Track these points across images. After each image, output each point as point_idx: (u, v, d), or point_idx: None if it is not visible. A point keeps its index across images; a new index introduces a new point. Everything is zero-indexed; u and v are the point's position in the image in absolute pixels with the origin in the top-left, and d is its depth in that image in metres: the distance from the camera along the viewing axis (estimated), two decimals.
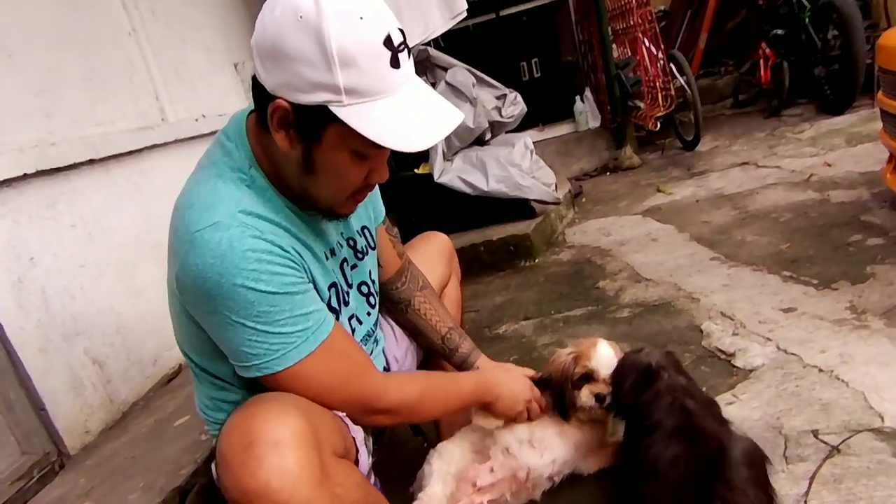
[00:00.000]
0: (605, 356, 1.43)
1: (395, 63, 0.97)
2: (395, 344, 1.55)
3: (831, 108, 4.55)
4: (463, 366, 1.53)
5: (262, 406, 0.99)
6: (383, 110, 0.96)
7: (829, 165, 3.35)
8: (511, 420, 1.42)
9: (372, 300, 1.39)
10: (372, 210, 1.41)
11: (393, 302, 1.53)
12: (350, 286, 1.30)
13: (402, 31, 0.99)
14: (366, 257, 1.35)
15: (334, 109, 0.95)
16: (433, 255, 1.68)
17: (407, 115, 0.99)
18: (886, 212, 2.55)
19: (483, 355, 1.55)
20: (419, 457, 1.49)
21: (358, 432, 1.19)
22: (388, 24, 0.96)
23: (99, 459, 1.81)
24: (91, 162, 2.16)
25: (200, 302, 1.02)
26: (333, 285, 1.21)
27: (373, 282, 1.39)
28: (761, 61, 5.35)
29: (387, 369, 1.50)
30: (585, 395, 1.41)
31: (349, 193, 1.11)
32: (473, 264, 3.20)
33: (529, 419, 1.43)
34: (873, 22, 5.29)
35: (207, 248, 0.98)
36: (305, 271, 1.10)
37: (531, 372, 1.51)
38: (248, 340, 1.01)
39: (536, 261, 3.23)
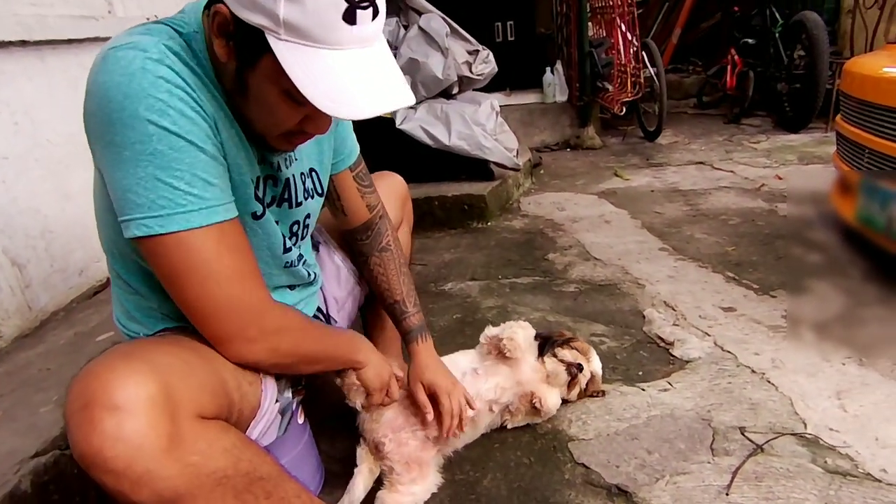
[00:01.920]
0: (596, 366, 1.62)
1: (349, 17, 0.85)
2: (336, 284, 1.48)
3: (788, 125, 4.70)
4: (403, 339, 1.46)
5: (110, 361, 0.86)
6: (322, 60, 0.86)
7: (781, 179, 3.46)
8: (374, 392, 1.31)
9: (302, 235, 1.27)
10: (331, 153, 1.28)
11: (354, 252, 1.45)
12: (287, 204, 1.18)
13: None
14: (309, 200, 1.23)
15: (270, 39, 0.85)
16: (385, 196, 1.53)
17: (346, 76, 0.88)
18: (829, 231, 2.65)
19: (426, 342, 1.44)
20: None
21: (269, 382, 1.11)
22: None
23: (10, 368, 1.68)
24: (24, 44, 1.93)
25: (101, 131, 0.89)
26: (258, 179, 1.08)
27: (307, 226, 1.27)
28: (729, 67, 5.46)
29: (324, 310, 1.43)
30: (571, 354, 1.56)
31: (280, 132, 1.01)
32: (426, 218, 3.15)
33: (388, 398, 1.35)
34: (838, 49, 5.47)
35: (118, 65, 0.87)
36: (220, 144, 0.97)
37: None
38: (135, 184, 0.88)
39: (489, 224, 3.21)
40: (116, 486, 0.80)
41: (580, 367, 1.55)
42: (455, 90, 3.62)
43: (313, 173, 1.24)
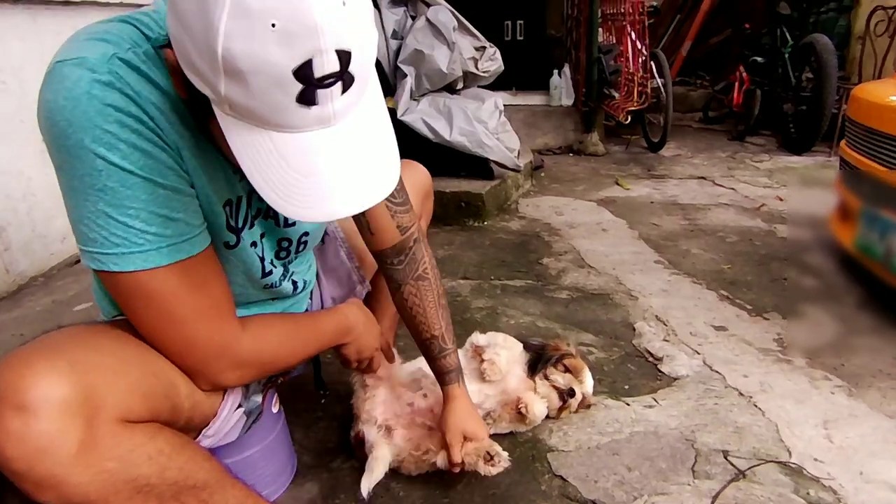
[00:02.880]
0: (588, 387, 1.57)
1: (306, 99, 0.70)
2: (336, 283, 1.42)
3: (792, 146, 4.67)
4: (438, 378, 1.35)
5: (29, 356, 0.80)
6: (272, 144, 0.73)
7: (781, 200, 3.43)
8: (355, 362, 1.30)
9: (296, 252, 1.18)
10: None
11: (385, 277, 1.30)
12: (255, 222, 1.05)
13: (347, 54, 0.69)
14: (299, 224, 1.13)
15: (216, 111, 0.74)
16: (407, 189, 1.40)
17: (304, 162, 0.74)
18: (826, 257, 2.63)
19: (463, 387, 1.34)
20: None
21: (231, 393, 1.06)
22: (315, 47, 0.66)
23: None
24: (15, 1, 1.89)
25: (51, 153, 0.81)
26: (232, 203, 0.97)
27: (303, 244, 1.18)
28: (736, 84, 5.44)
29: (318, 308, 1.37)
30: (563, 378, 1.52)
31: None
32: None
33: (371, 369, 1.35)
34: (846, 74, 5.45)
35: (62, 85, 0.77)
36: (186, 173, 0.87)
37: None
38: (87, 217, 0.80)
39: (485, 223, 3.17)
40: (22, 486, 0.76)
41: (572, 393, 1.51)
42: (459, 85, 3.57)
43: None
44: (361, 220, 1.19)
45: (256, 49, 0.65)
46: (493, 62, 3.60)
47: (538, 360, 1.53)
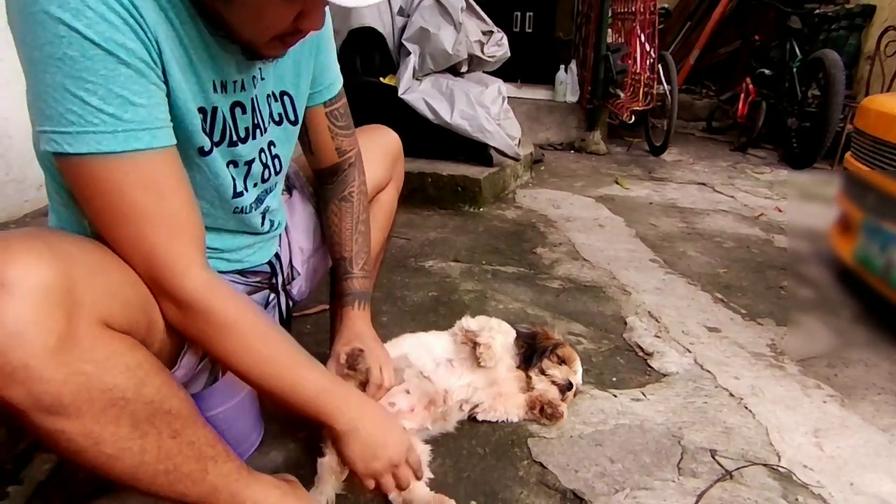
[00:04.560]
0: (580, 377, 1.51)
1: None
2: (304, 234, 1.34)
3: (793, 161, 4.63)
4: (337, 300, 1.31)
5: (12, 237, 0.75)
6: None
7: (781, 211, 3.39)
8: (364, 478, 1.05)
9: (266, 174, 1.10)
10: (309, 80, 1.14)
11: (319, 197, 1.32)
12: (240, 139, 1.02)
13: None
14: (274, 126, 1.09)
15: None
16: (375, 151, 1.40)
17: None
18: (823, 269, 2.58)
19: (363, 311, 1.27)
20: None
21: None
22: None
23: None
24: None
25: (14, 26, 0.77)
26: (203, 110, 0.92)
27: (270, 155, 1.10)
28: (742, 95, 5.39)
29: (285, 259, 1.29)
30: (560, 372, 1.44)
31: (273, 35, 0.88)
32: (416, 194, 3.05)
33: (383, 487, 1.06)
34: (852, 93, 5.42)
35: None
36: (156, 62, 0.82)
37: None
38: (44, 92, 0.76)
39: (480, 210, 3.10)
40: None
41: (570, 386, 1.44)
42: (464, 69, 3.50)
43: (285, 97, 1.10)
44: (304, 138, 1.22)
45: None
46: (499, 48, 3.53)
47: (531, 353, 1.45)
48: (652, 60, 4.43)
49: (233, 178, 1.02)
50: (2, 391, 0.69)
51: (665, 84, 4.51)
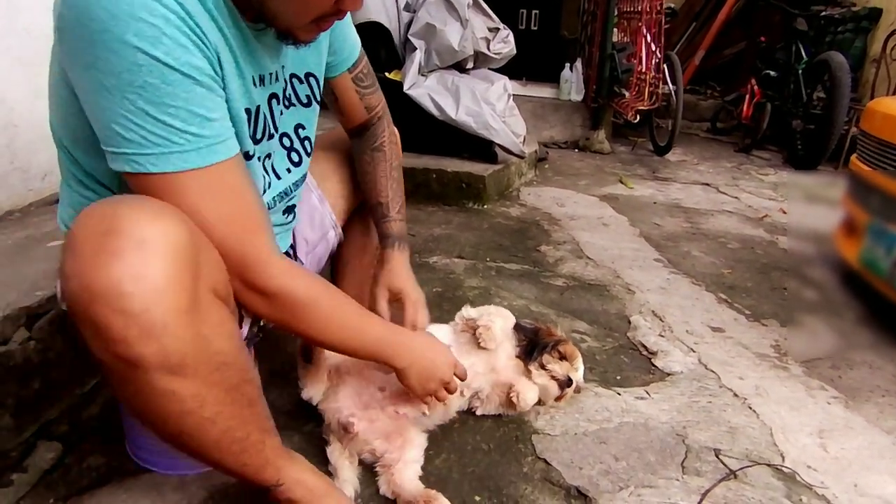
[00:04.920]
0: (581, 374, 1.50)
1: None
2: (309, 225, 1.36)
3: (798, 163, 4.63)
4: (380, 242, 1.37)
5: (138, 200, 0.79)
6: None
7: (785, 213, 3.38)
8: (423, 397, 1.21)
9: (294, 157, 1.16)
10: (328, 55, 1.17)
11: (353, 151, 1.39)
12: (276, 129, 1.08)
13: None
14: (300, 107, 1.13)
15: None
16: None
17: None
18: (828, 271, 2.58)
19: (402, 251, 1.35)
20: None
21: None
22: None
23: None
24: None
25: (79, 50, 0.77)
26: (252, 111, 0.98)
27: (300, 138, 1.16)
28: (747, 96, 5.38)
29: (292, 250, 1.32)
30: (560, 367, 1.43)
31: (314, 17, 0.90)
32: (420, 189, 3.04)
33: (439, 398, 1.22)
34: (858, 96, 5.41)
35: None
36: (218, 74, 0.87)
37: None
38: (123, 117, 0.78)
39: (485, 207, 3.10)
40: (122, 331, 0.71)
41: (570, 382, 1.43)
42: (469, 65, 3.48)
43: (310, 78, 1.13)
44: (335, 104, 1.29)
45: None
46: (505, 45, 3.52)
47: (533, 347, 1.45)
48: (657, 60, 4.42)
49: (265, 172, 1.05)
50: (136, 346, 0.72)
51: (670, 84, 4.50)
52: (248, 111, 0.96)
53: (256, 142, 1.00)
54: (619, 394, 1.58)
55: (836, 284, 2.47)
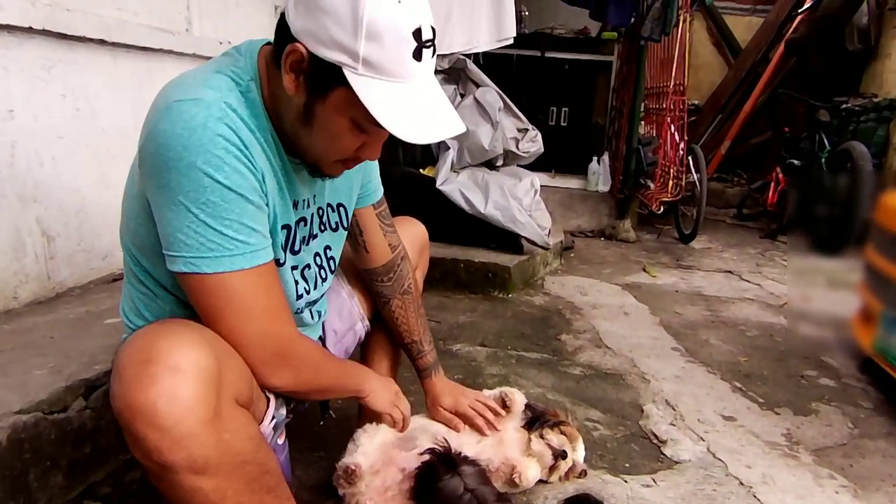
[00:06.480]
0: (580, 455, 1.63)
1: (417, 55, 0.98)
2: (338, 318, 1.53)
3: (822, 248, 4.68)
4: (418, 374, 1.60)
5: (172, 329, 0.97)
6: (392, 93, 0.97)
7: (807, 300, 3.44)
8: (385, 414, 1.43)
9: (323, 273, 1.34)
10: (360, 188, 1.37)
11: (374, 293, 1.52)
12: (300, 248, 1.25)
13: (433, 29, 1.00)
14: (329, 232, 1.32)
15: (347, 73, 0.95)
16: (405, 241, 1.60)
17: (413, 105, 1.00)
18: (846, 358, 2.63)
19: (439, 374, 1.60)
20: (330, 432, 1.56)
21: (272, 396, 1.19)
22: (422, 17, 0.97)
23: (17, 328, 1.75)
24: (101, 42, 2.12)
25: (155, 172, 0.97)
26: (287, 227, 1.18)
27: (327, 258, 1.35)
28: (772, 184, 5.52)
29: (321, 341, 1.47)
30: (558, 439, 1.57)
31: (339, 158, 1.11)
32: (449, 277, 3.22)
33: (399, 420, 1.45)
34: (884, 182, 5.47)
35: (181, 118, 0.95)
36: (265, 195, 1.06)
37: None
38: (186, 227, 0.97)
39: (510, 295, 3.25)
40: (157, 443, 0.88)
41: (564, 455, 1.55)
42: (499, 162, 3.76)
43: (341, 208, 1.33)
44: (359, 239, 1.44)
45: (391, 15, 0.94)
46: (533, 143, 3.79)
47: (536, 420, 1.59)
48: (682, 153, 4.63)
49: (296, 281, 1.25)
50: (167, 454, 0.89)
51: (695, 174, 4.67)
52: (286, 226, 1.16)
53: (294, 252, 1.21)
54: (626, 481, 1.66)
55: (854, 371, 2.52)
